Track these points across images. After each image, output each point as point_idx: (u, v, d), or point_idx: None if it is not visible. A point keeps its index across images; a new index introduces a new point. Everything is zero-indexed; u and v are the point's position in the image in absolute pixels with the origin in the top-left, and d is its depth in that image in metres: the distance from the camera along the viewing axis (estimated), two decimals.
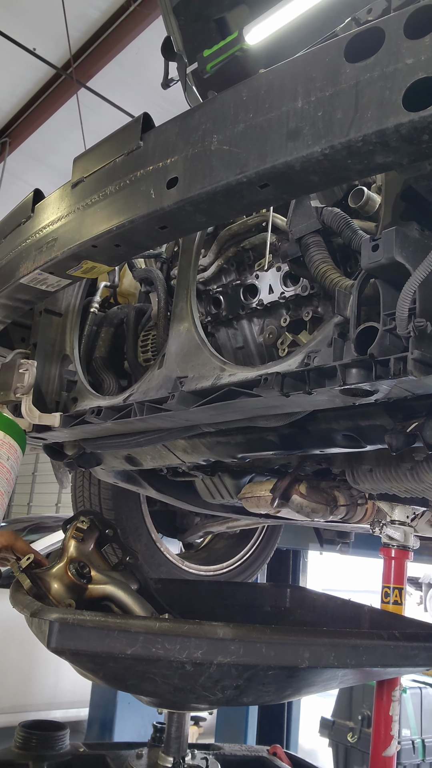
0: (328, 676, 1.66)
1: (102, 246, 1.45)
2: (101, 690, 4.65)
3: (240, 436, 1.93)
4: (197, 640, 1.39)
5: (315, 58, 1.05)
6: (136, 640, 1.36)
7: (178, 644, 1.37)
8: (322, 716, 5.43)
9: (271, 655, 1.43)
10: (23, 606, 1.53)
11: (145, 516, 3.06)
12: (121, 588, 1.83)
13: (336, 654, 1.50)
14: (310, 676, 1.62)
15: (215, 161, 1.16)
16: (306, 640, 1.50)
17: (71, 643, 1.36)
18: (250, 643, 1.43)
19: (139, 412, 1.77)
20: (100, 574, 1.81)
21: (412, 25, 0.92)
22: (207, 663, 1.39)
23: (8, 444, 1.66)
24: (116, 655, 1.36)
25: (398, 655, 1.65)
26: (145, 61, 7.19)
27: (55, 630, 1.35)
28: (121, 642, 1.35)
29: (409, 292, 1.11)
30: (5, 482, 1.62)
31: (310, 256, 1.51)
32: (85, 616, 1.38)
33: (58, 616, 1.37)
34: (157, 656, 1.37)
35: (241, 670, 1.46)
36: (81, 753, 2.24)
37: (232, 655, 1.40)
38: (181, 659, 1.38)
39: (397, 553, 2.10)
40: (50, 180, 8.69)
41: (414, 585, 13.28)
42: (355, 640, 1.60)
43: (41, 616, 1.38)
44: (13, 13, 6.94)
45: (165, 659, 1.38)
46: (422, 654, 1.65)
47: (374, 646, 1.61)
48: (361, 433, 1.64)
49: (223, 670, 1.43)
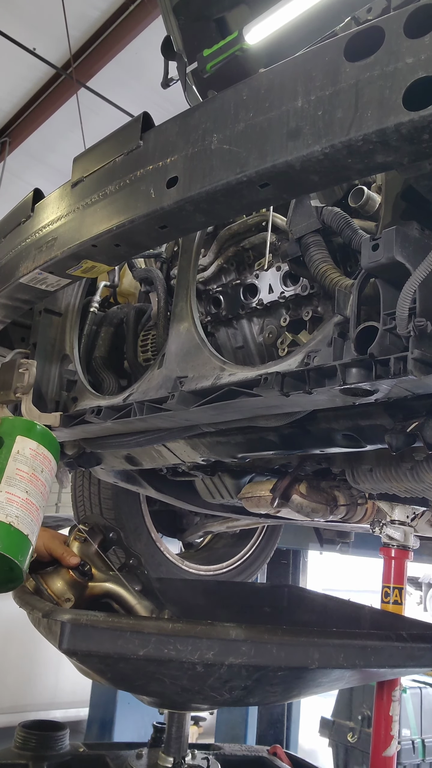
0: (335, 677, 1.67)
1: (102, 245, 1.44)
2: (101, 690, 4.65)
3: (240, 435, 1.93)
4: (209, 641, 1.38)
5: (315, 58, 1.04)
6: (149, 641, 1.35)
7: (190, 645, 1.36)
8: (322, 716, 5.44)
9: (282, 656, 1.43)
10: (32, 607, 1.51)
11: (145, 516, 3.06)
12: (121, 587, 1.83)
13: (345, 655, 1.50)
14: (318, 677, 1.62)
15: (215, 161, 1.16)
16: (316, 641, 1.49)
17: (83, 644, 1.35)
18: (261, 644, 1.42)
19: (139, 412, 1.77)
20: (101, 573, 1.82)
21: (412, 24, 0.92)
22: (218, 664, 1.39)
23: (42, 455, 1.56)
24: (128, 656, 1.35)
25: (406, 655, 1.65)
26: (145, 61, 7.18)
27: (67, 631, 1.33)
28: (133, 643, 1.34)
29: (410, 292, 1.11)
30: (40, 496, 1.49)
31: (310, 255, 1.51)
32: (98, 617, 1.38)
33: (70, 617, 1.36)
34: (168, 657, 1.36)
35: (251, 670, 1.46)
36: (81, 753, 2.24)
37: (243, 656, 1.39)
38: (192, 660, 1.37)
39: (397, 553, 2.10)
40: (50, 180, 8.68)
41: (414, 585, 13.28)
42: (364, 641, 1.60)
43: (53, 617, 1.37)
44: (13, 13, 6.93)
45: (177, 660, 1.37)
46: (428, 654, 1.66)
47: (382, 646, 1.61)
48: (361, 432, 1.64)
49: (234, 670, 1.43)
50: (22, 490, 1.45)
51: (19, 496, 1.44)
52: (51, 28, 6.94)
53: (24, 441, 1.53)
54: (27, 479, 1.48)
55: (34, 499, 1.47)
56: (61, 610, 1.41)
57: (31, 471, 1.49)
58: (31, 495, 1.47)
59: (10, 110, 8.78)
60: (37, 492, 1.48)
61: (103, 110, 7.69)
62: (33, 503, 1.46)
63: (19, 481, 1.46)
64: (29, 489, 1.47)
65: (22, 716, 4.00)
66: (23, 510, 1.43)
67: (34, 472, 1.50)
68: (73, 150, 2.01)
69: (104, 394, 2.15)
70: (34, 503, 1.46)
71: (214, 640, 1.39)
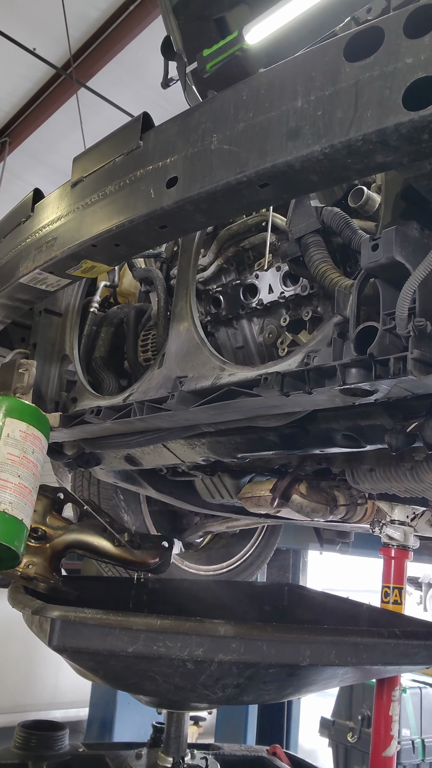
0: (328, 675, 1.66)
1: (102, 245, 1.44)
2: (101, 690, 4.65)
3: (240, 435, 1.93)
4: (198, 638, 1.39)
5: (315, 58, 1.04)
6: (138, 638, 1.36)
7: (179, 642, 1.37)
8: (322, 716, 5.44)
9: (272, 653, 1.43)
10: (23, 605, 1.53)
11: (145, 516, 3.06)
12: (79, 533, 1.95)
13: (337, 652, 1.50)
14: (311, 675, 1.62)
15: (215, 161, 1.16)
16: (307, 638, 1.50)
17: (73, 641, 1.36)
18: (251, 640, 1.43)
19: (139, 412, 1.77)
20: (56, 530, 1.92)
21: (412, 24, 0.92)
22: (208, 661, 1.39)
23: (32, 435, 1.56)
24: (118, 653, 1.36)
25: (398, 653, 1.65)
26: (145, 61, 7.18)
27: (57, 628, 1.35)
28: (122, 640, 1.35)
29: (409, 292, 1.11)
30: (32, 477, 1.49)
31: (309, 255, 1.51)
32: (87, 614, 1.38)
33: (59, 614, 1.37)
34: (158, 654, 1.37)
35: (242, 668, 1.46)
36: (80, 753, 2.24)
37: (233, 652, 1.40)
38: (182, 657, 1.38)
39: (397, 553, 2.10)
40: (50, 180, 8.67)
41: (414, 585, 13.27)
42: (355, 638, 1.60)
43: (42, 614, 1.38)
44: (13, 13, 6.93)
45: (166, 657, 1.38)
46: (422, 652, 1.66)
47: (375, 644, 1.61)
48: (361, 432, 1.64)
49: (224, 668, 1.43)
50: (14, 475, 1.47)
51: (12, 481, 1.46)
52: (51, 28, 6.94)
53: (13, 423, 1.55)
54: (18, 462, 1.49)
55: (26, 482, 1.49)
56: (50, 607, 1.42)
57: (22, 454, 1.51)
58: (23, 478, 1.49)
59: (10, 110, 8.78)
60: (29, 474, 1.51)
61: (103, 110, 7.69)
62: (26, 486, 1.49)
63: (11, 465, 1.48)
64: (21, 472, 1.49)
65: (22, 716, 4.00)
66: (16, 495, 1.46)
67: (25, 455, 1.51)
68: (73, 150, 2.01)
69: (104, 394, 2.15)
70: (26, 486, 1.49)
71: (203, 637, 1.40)
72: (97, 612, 1.41)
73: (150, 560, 2.06)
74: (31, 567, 1.79)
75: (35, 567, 1.79)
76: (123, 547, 1.99)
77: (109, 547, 1.98)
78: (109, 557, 1.99)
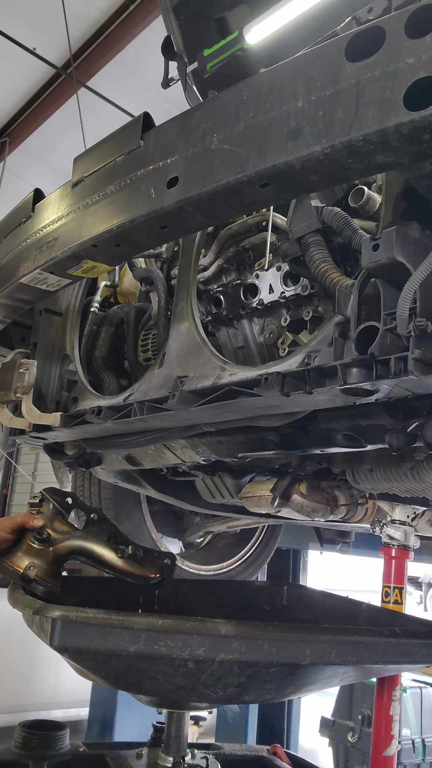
0: (329, 674, 1.66)
1: (102, 245, 1.44)
2: (101, 690, 4.65)
3: (240, 435, 1.93)
4: (200, 637, 1.39)
5: (315, 58, 1.04)
6: (139, 638, 1.36)
7: (180, 641, 1.37)
8: (322, 716, 5.44)
9: (273, 652, 1.43)
10: (24, 605, 1.52)
11: (145, 516, 3.06)
12: (85, 541, 1.95)
13: (337, 651, 1.50)
14: (312, 674, 1.62)
15: (216, 161, 1.16)
16: (308, 637, 1.49)
17: (74, 640, 1.35)
18: (252, 640, 1.43)
19: (140, 412, 1.77)
20: (60, 534, 1.92)
21: (413, 24, 0.92)
22: (209, 660, 1.39)
23: None
24: (119, 652, 1.36)
25: (399, 652, 1.65)
26: (145, 61, 7.18)
27: (58, 627, 1.34)
28: (124, 639, 1.35)
29: (410, 292, 1.11)
30: None
31: (310, 255, 1.51)
32: (88, 614, 1.38)
33: (60, 613, 1.37)
34: (159, 653, 1.37)
35: (243, 667, 1.46)
36: (81, 753, 2.24)
37: (234, 652, 1.40)
38: (183, 656, 1.37)
39: (398, 553, 2.10)
40: (50, 180, 8.67)
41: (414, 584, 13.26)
42: (356, 637, 1.60)
43: (43, 614, 1.38)
44: (13, 13, 6.92)
45: (167, 656, 1.38)
46: (423, 651, 1.65)
47: (375, 643, 1.61)
48: (361, 432, 1.64)
49: (225, 667, 1.43)
50: None
51: None
52: (51, 27, 6.94)
53: None
54: None
55: None
56: (51, 607, 1.42)
57: None
58: None
59: (10, 110, 8.77)
60: None
61: (103, 110, 7.68)
62: None
63: None
64: None
65: (22, 716, 4.00)
66: None
67: None
68: (73, 150, 2.01)
69: (104, 394, 2.15)
70: None
71: (204, 636, 1.39)
72: (98, 611, 1.40)
73: (151, 575, 2.05)
74: (32, 569, 1.79)
75: (36, 569, 1.79)
76: (125, 560, 1.98)
77: (111, 558, 1.97)
78: (111, 568, 1.97)
